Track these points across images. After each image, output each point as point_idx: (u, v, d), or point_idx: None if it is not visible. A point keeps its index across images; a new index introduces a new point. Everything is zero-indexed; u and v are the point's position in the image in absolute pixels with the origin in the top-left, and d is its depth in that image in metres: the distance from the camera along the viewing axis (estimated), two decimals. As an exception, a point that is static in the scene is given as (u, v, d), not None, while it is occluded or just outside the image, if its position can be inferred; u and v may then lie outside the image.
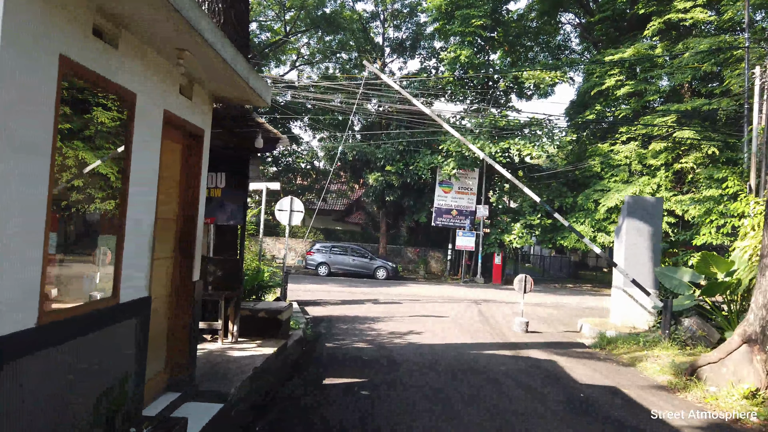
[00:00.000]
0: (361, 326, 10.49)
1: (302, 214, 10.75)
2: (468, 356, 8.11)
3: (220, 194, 6.17)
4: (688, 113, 19.47)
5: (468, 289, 20.48)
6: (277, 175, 31.65)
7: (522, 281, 11.04)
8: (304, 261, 24.81)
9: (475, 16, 22.99)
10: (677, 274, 10.84)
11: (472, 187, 25.14)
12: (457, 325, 11.27)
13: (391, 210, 28.14)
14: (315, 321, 10.81)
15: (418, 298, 16.49)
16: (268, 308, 6.57)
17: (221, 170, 6.16)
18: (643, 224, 11.40)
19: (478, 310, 14.34)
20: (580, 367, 7.85)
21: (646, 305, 11.22)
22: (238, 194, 6.13)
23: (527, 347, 9.25)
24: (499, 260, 24.83)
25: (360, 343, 8.70)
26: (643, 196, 12.39)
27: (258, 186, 10.72)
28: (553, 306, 16.10)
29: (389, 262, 24.24)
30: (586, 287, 25.35)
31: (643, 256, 11.28)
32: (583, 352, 9.30)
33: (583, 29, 27.56)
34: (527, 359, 8.18)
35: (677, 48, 20.44)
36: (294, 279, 20.46)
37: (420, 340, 9.21)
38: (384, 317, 11.81)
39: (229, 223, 6.15)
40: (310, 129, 30.85)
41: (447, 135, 23.47)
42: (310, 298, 14.82)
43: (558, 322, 12.97)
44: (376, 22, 28.16)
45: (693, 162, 19.83)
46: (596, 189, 22.30)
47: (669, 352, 8.79)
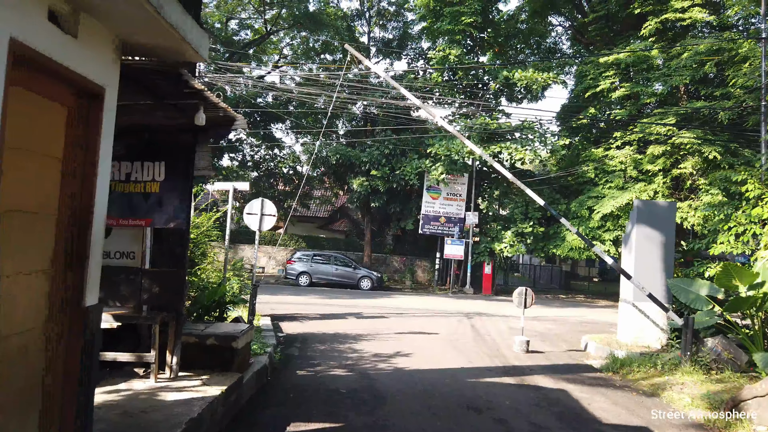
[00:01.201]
0: (341, 346, 9.19)
1: (275, 219, 9.44)
2: (466, 386, 6.85)
3: (158, 189, 4.87)
4: (687, 116, 18.60)
5: (457, 301, 19.27)
6: (258, 180, 30.28)
7: (522, 295, 9.84)
8: (285, 270, 23.43)
9: (465, 13, 21.99)
10: (693, 287, 9.72)
11: (461, 193, 24.02)
12: (449, 344, 10.02)
13: (376, 217, 26.89)
14: (288, 340, 9.48)
15: (405, 311, 15.22)
16: (219, 333, 5.25)
17: (160, 159, 4.87)
18: (655, 231, 10.30)
19: (470, 324, 13.12)
20: (598, 399, 6.65)
21: (659, 322, 10.09)
22: (182, 189, 4.84)
23: (532, 372, 8.03)
24: (489, 270, 23.70)
25: (338, 369, 7.40)
26: (654, 201, 11.34)
27: (224, 186, 9.41)
28: (550, 320, 14.95)
29: (374, 271, 22.97)
30: (580, 298, 24.32)
31: (655, 267, 10.17)
32: (595, 377, 8.10)
33: (575, 31, 26.75)
34: (535, 389, 6.95)
35: (675, 49, 19.63)
36: (272, 290, 19.09)
37: (409, 365, 7.94)
38: (367, 335, 10.52)
39: (169, 226, 4.85)
40: (292, 132, 29.52)
41: (435, 138, 22.37)
42: (287, 311, 13.48)
43: (558, 338, 11.80)
44: (362, 21, 27.07)
45: (692, 167, 18.96)
46: (590, 196, 21.33)
47: (694, 378, 7.64)
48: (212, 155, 5.21)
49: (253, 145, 31.02)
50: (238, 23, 27.46)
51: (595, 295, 26.19)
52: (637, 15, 21.31)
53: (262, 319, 11.04)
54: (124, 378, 4.66)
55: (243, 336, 5.36)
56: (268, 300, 15.26)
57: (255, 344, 7.11)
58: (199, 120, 3.89)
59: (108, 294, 4.86)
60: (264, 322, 10.60)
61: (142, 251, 5.05)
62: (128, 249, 5.05)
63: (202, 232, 8.42)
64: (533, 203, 23.43)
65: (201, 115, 3.89)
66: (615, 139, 21.50)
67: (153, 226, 4.94)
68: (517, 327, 12.93)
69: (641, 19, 21.12)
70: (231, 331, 5.36)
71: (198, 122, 3.89)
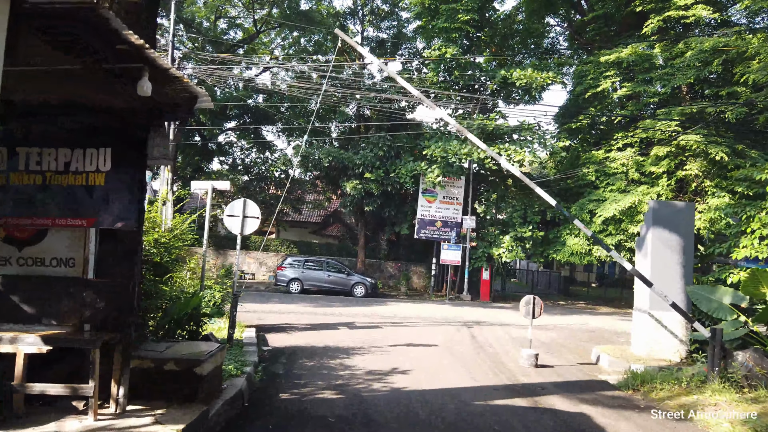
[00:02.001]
0: (332, 362, 8.30)
1: (258, 221, 8.57)
2: (474, 411, 5.99)
3: (104, 182, 3.99)
4: (692, 116, 17.90)
5: (454, 308, 18.42)
6: (249, 184, 29.38)
7: (530, 304, 9.00)
8: (275, 277, 22.51)
9: (462, 10, 21.26)
10: (716, 295, 8.95)
11: (457, 196, 23.21)
12: (450, 358, 9.16)
13: (370, 221, 26.03)
14: (273, 355, 8.58)
15: (401, 319, 14.34)
16: (180, 357, 4.35)
17: (105, 145, 4.00)
18: (672, 234, 9.52)
19: (470, 334, 12.28)
20: (625, 426, 5.81)
21: (677, 333, 9.29)
22: (133, 182, 3.98)
23: (544, 391, 7.18)
24: (487, 275, 22.87)
25: (327, 391, 6.51)
26: (670, 201, 10.58)
27: (202, 185, 8.53)
28: (554, 328, 14.12)
29: (368, 278, 22.09)
30: (580, 305, 23.52)
31: (672, 273, 9.38)
32: (614, 397, 7.26)
33: (573, 30, 26.10)
34: (552, 414, 6.10)
35: (678, 47, 18.97)
36: (262, 298, 18.20)
37: (407, 384, 7.06)
38: (361, 348, 9.64)
39: (116, 226, 3.98)
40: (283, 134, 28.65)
41: (432, 140, 21.56)
42: (275, 321, 12.58)
43: (565, 349, 10.97)
44: (355, 20, 26.29)
45: (698, 169, 18.27)
46: (591, 199, 20.58)
47: (726, 398, 6.83)
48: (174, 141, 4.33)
49: (244, 148, 30.17)
50: (227, 22, 26.62)
51: (595, 301, 25.42)
52: (638, 14, 20.67)
53: (246, 331, 10.14)
54: (57, 415, 3.78)
55: (210, 359, 4.47)
56: (255, 309, 14.38)
57: (231, 364, 6.23)
58: (142, 89, 3.03)
59: (41, 310, 3.98)
60: (247, 335, 9.70)
61: (84, 258, 4.16)
62: (67, 255, 4.17)
63: (176, 236, 7.53)
64: (532, 207, 22.69)
65: (145, 83, 3.03)
66: (616, 141, 20.79)
67: (98, 227, 4.07)
68: (520, 336, 12.14)
69: (642, 19, 20.47)
70: (196, 353, 4.47)
71: (141, 92, 3.03)
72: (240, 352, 7.68)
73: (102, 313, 4.02)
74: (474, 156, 20.68)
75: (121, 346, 3.89)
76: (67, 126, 3.96)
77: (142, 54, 2.90)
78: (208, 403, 4.35)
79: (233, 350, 7.67)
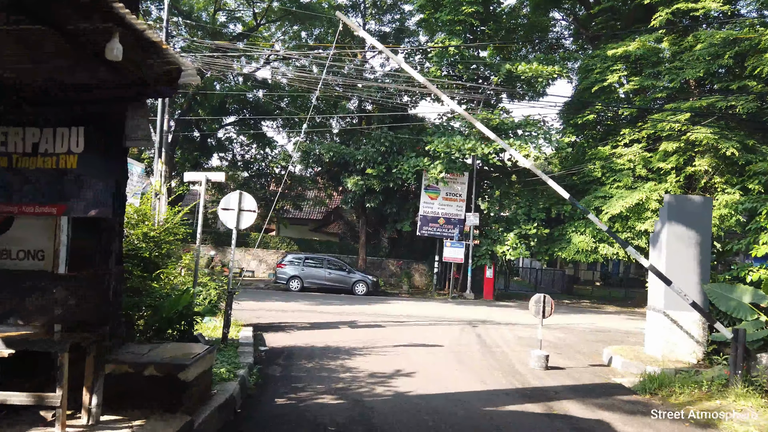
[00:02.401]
0: (332, 363, 7.89)
1: (255, 215, 8.15)
2: (483, 418, 5.57)
3: (76, 165, 3.57)
4: (701, 111, 17.44)
5: (458, 307, 18.00)
6: (249, 180, 28.96)
7: (540, 303, 8.58)
8: (275, 274, 22.10)
9: (466, 2, 20.79)
10: (734, 294, 8.52)
11: (461, 193, 22.76)
12: (456, 360, 8.73)
13: (372, 218, 25.60)
14: (271, 356, 8.17)
15: (404, 318, 13.93)
16: (162, 360, 3.92)
17: (78, 123, 3.58)
18: (689, 230, 9.07)
19: (475, 334, 11.86)
20: (647, 434, 5.39)
21: (694, 333, 8.86)
22: (109, 165, 3.55)
23: (557, 396, 6.76)
24: (490, 274, 22.44)
25: (327, 395, 6.09)
26: (687, 196, 10.16)
27: (195, 176, 8.11)
28: (561, 328, 13.69)
29: (369, 275, 21.67)
30: (585, 304, 23.08)
31: (689, 270, 8.94)
32: (631, 401, 6.83)
33: (579, 24, 25.60)
34: (567, 420, 5.67)
35: (687, 40, 18.50)
36: (261, 295, 17.81)
37: (411, 388, 6.64)
38: (362, 348, 9.22)
39: (90, 214, 3.56)
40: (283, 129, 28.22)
41: (435, 135, 21.11)
42: (274, 320, 12.19)
43: (575, 350, 10.55)
44: (357, 13, 25.81)
45: (708, 165, 17.82)
46: (597, 195, 20.13)
47: (751, 403, 6.41)
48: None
49: (243, 144, 29.73)
50: (226, 15, 26.16)
51: (600, 300, 24.99)
52: (645, 7, 20.18)
53: (242, 330, 9.73)
54: (21, 428, 3.35)
55: (197, 363, 4.05)
56: (254, 307, 13.97)
57: (223, 366, 5.81)
58: (111, 53, 2.60)
59: (6, 309, 3.56)
60: (244, 334, 9.28)
61: (54, 249, 3.74)
62: (35, 247, 3.75)
63: (167, 230, 7.12)
64: (537, 204, 22.25)
65: (115, 45, 2.60)
66: (623, 137, 20.33)
67: (69, 215, 3.65)
68: (527, 336, 11.72)
69: (649, 12, 19.99)
70: (180, 356, 4.04)
71: (110, 56, 2.61)
72: (235, 352, 7.26)
73: (74, 312, 3.60)
74: (478, 152, 20.24)
75: (94, 349, 3.47)
76: (35, 102, 3.53)
77: (112, 11, 2.47)
78: (193, 412, 3.93)
79: (227, 351, 7.25)
